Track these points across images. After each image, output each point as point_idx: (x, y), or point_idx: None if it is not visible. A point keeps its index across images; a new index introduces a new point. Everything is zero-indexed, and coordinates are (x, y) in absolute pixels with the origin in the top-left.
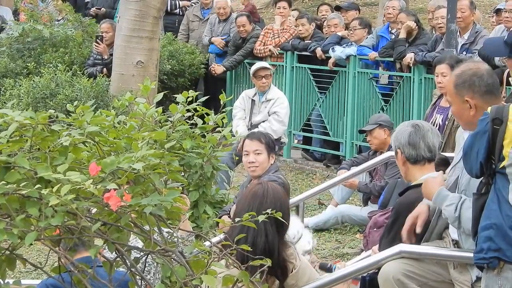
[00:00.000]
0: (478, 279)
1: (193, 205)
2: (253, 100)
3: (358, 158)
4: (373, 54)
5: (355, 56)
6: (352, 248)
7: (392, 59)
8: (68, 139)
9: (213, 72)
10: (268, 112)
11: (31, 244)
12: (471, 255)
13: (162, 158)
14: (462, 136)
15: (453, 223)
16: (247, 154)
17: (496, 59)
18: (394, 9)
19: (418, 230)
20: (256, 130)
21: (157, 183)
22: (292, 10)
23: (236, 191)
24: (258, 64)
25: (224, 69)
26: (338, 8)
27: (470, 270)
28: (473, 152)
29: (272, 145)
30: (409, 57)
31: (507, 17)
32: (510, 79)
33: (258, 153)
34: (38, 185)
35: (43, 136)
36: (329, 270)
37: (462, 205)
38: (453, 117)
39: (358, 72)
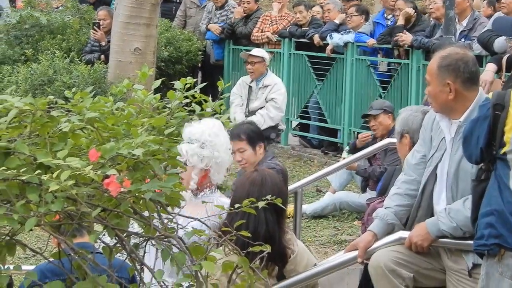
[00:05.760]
0: (475, 266)
1: None
2: (250, 86)
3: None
4: (371, 41)
5: (353, 43)
6: (350, 235)
7: (390, 46)
8: (67, 125)
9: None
10: (265, 99)
11: (31, 230)
12: (468, 242)
13: (162, 144)
14: (438, 125)
15: (457, 232)
16: (233, 153)
17: (498, 45)
18: None
19: (359, 260)
20: (249, 118)
21: (157, 169)
22: None
23: (234, 178)
24: (246, 51)
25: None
26: None
27: (465, 257)
28: (473, 138)
29: (256, 136)
30: (408, 39)
31: (503, 2)
32: None
33: (241, 151)
34: (38, 171)
35: (42, 122)
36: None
37: (449, 214)
38: None
39: (356, 59)
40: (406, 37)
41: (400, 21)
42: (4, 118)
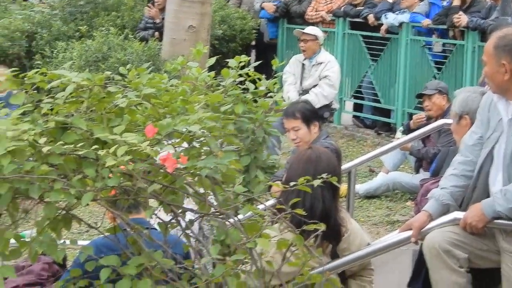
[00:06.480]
0: None
1: (245, 170)
2: (303, 64)
3: None
4: (426, 22)
5: (408, 23)
6: (403, 215)
7: (445, 26)
8: (124, 100)
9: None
10: (318, 76)
11: (87, 205)
12: None
13: (218, 121)
14: (496, 106)
15: None
16: (288, 131)
17: None
18: None
19: (412, 240)
20: (303, 97)
21: (213, 146)
22: None
23: (287, 157)
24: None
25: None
26: None
27: None
28: None
29: (311, 115)
30: (463, 20)
31: None
32: None
33: (296, 130)
34: (94, 146)
35: (99, 97)
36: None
37: (505, 195)
38: None
39: (411, 39)
40: (461, 18)
41: (456, 2)
42: (62, 93)
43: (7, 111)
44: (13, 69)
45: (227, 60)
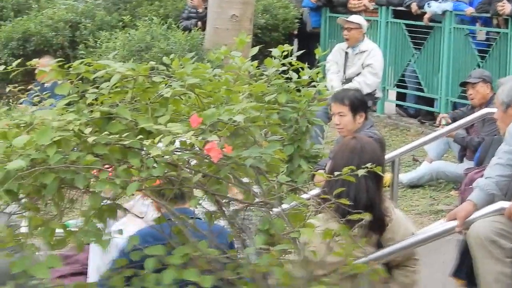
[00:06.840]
0: None
1: (288, 160)
2: (346, 53)
3: (457, 112)
4: (470, 10)
5: (451, 11)
6: (447, 205)
7: (489, 15)
8: (169, 90)
9: None
10: (362, 64)
11: (133, 195)
12: None
13: (262, 111)
14: None
15: None
16: (334, 115)
17: None
18: None
19: (457, 229)
20: (347, 86)
21: (257, 135)
22: None
23: (330, 146)
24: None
25: None
26: None
27: None
28: None
29: (359, 104)
30: (507, 8)
31: None
32: None
33: (341, 115)
34: (139, 136)
35: (144, 87)
36: None
37: None
38: None
39: (454, 28)
40: (505, 6)
41: None
42: (107, 83)
43: (52, 101)
44: (58, 59)
45: (270, 49)
